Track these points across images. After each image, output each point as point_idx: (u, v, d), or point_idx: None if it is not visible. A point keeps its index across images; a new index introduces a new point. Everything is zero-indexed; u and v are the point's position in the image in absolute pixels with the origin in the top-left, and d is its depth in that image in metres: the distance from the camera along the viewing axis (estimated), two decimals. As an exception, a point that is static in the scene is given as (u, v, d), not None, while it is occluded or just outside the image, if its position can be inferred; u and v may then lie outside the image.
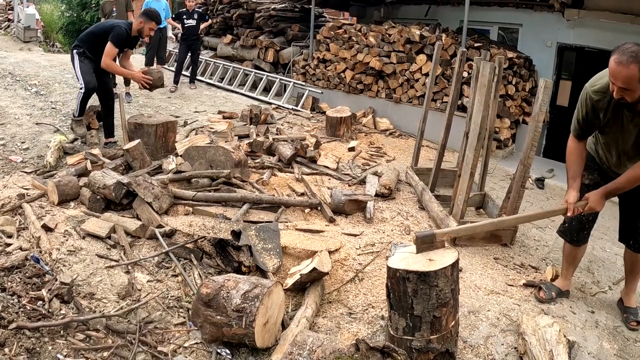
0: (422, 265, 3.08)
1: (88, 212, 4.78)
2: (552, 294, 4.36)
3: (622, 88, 3.24)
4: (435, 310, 3.06)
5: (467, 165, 5.24)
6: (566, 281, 4.47)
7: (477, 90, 5.29)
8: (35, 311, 3.24)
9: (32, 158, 6.64)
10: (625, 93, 3.27)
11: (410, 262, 3.14)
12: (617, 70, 3.20)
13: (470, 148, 5.20)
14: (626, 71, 3.16)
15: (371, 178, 6.52)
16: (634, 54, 3.13)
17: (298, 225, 5.03)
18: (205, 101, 11.03)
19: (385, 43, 10.07)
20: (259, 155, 7.11)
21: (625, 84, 3.21)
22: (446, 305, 3.08)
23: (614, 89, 3.31)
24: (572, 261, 4.44)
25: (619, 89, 3.26)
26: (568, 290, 4.47)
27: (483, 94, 5.08)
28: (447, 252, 3.24)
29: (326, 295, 4.12)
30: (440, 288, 3.04)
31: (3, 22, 21.81)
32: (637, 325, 4.10)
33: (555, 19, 9.82)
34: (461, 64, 6.18)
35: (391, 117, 10.14)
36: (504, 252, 5.13)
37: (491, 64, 5.06)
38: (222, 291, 3.30)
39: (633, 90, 3.24)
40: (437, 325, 3.09)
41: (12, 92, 9.85)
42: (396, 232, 5.22)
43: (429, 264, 3.10)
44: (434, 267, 3.05)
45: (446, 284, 3.05)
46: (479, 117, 5.08)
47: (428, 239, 3.33)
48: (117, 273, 3.91)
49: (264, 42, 13.19)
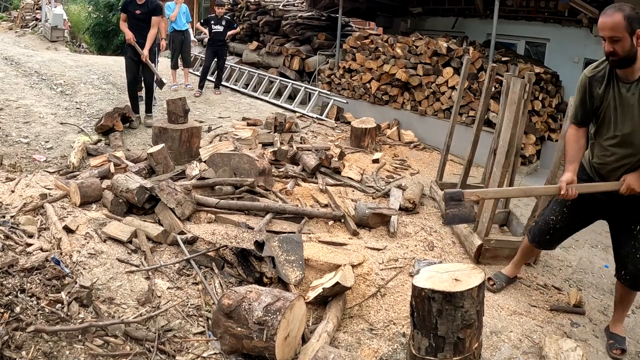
0: (448, 285, 3.01)
1: (110, 215, 4.76)
2: (503, 284, 4.58)
3: (611, 38, 3.35)
4: (459, 331, 2.99)
5: (493, 183, 5.16)
6: (515, 269, 4.67)
7: (507, 106, 5.21)
8: (53, 314, 3.20)
9: (56, 158, 6.68)
10: (615, 44, 3.35)
11: (436, 281, 3.07)
12: (603, 21, 3.37)
13: (498, 165, 5.11)
14: (611, 19, 3.32)
15: (395, 191, 6.46)
16: (617, 6, 3.34)
17: (321, 237, 4.98)
18: (230, 107, 11.04)
19: (412, 55, 10.01)
20: (283, 164, 7.07)
21: (612, 31, 3.33)
22: (471, 326, 3.01)
23: (605, 46, 3.42)
24: (526, 255, 4.60)
25: (609, 40, 3.36)
26: (515, 277, 4.70)
27: (513, 111, 5.00)
28: (473, 273, 3.17)
29: (347, 310, 4.06)
30: (466, 309, 2.97)
31: (31, 22, 22.11)
32: (620, 354, 3.95)
33: (583, 35, 9.69)
34: (491, 79, 6.10)
35: (416, 129, 10.06)
36: (527, 271, 5.03)
37: (522, 80, 4.98)
38: (243, 303, 3.25)
39: (622, 39, 3.33)
40: (460, 346, 3.02)
41: (37, 90, 9.95)
42: (419, 247, 5.15)
43: (455, 284, 3.03)
44: (460, 288, 2.98)
45: (472, 305, 2.98)
46: (508, 134, 4.99)
47: (457, 196, 3.37)
48: (137, 278, 3.87)
49: (290, 49, 13.20)
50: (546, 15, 10.44)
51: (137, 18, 8.32)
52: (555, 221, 4.10)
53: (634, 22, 3.31)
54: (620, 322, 4.14)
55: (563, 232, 4.18)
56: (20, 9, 23.58)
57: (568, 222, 4.09)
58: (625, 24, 3.29)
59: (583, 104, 3.74)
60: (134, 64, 8.45)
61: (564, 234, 4.21)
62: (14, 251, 3.79)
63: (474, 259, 5.07)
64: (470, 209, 3.55)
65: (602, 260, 5.69)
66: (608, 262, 5.66)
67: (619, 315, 4.14)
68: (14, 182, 5.29)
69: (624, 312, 4.14)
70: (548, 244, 4.34)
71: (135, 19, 8.34)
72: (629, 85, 3.50)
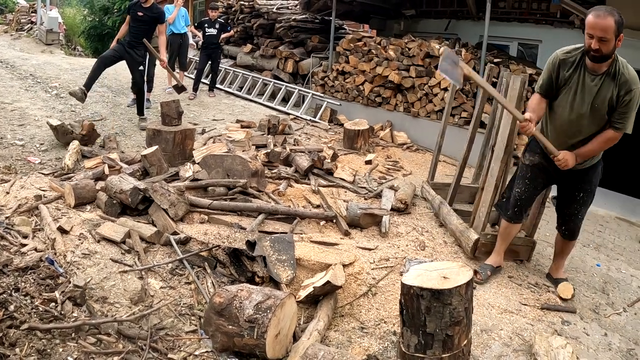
0: (437, 283, 3.04)
1: (104, 216, 4.79)
2: (487, 273, 4.81)
3: (600, 38, 3.74)
4: (448, 328, 3.02)
5: (491, 178, 5.21)
6: (498, 257, 4.94)
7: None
8: (47, 313, 3.24)
9: (50, 160, 6.69)
10: (602, 44, 3.77)
11: (424, 279, 3.10)
12: (595, 21, 3.73)
13: (496, 160, 5.17)
14: (604, 22, 3.70)
15: (387, 192, 6.50)
16: (609, 9, 3.72)
17: (313, 237, 5.01)
18: (224, 109, 11.07)
19: (404, 57, 10.07)
20: (276, 166, 7.10)
21: (603, 33, 3.72)
22: (459, 323, 3.04)
23: (590, 43, 3.81)
24: (505, 237, 4.90)
25: (598, 39, 3.76)
26: (500, 266, 4.96)
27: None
28: (462, 271, 3.20)
29: (339, 309, 4.10)
30: (454, 306, 3.00)
31: (26, 25, 22.08)
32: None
33: (575, 36, 9.67)
34: (488, 79, 6.15)
35: (409, 131, 10.11)
36: (518, 270, 5.09)
37: (522, 77, 5.10)
38: (235, 301, 3.29)
39: (609, 41, 3.75)
40: (449, 343, 3.05)
41: (32, 93, 9.96)
42: (411, 247, 5.19)
43: (444, 281, 3.07)
44: (449, 285, 3.01)
45: (460, 302, 3.02)
46: (507, 130, 5.05)
47: (455, 60, 3.94)
48: (131, 278, 3.91)
49: (284, 52, 13.24)
50: (538, 16, 10.52)
51: (140, 20, 8.39)
52: (521, 192, 4.66)
53: (620, 27, 3.75)
54: (562, 268, 4.98)
55: (528, 199, 4.72)
56: (16, 12, 23.55)
57: (531, 191, 4.67)
58: (615, 28, 3.72)
59: (549, 79, 4.23)
60: (112, 58, 8.58)
61: (529, 201, 4.76)
62: (8, 251, 3.83)
63: (470, 253, 5.13)
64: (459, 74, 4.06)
65: (594, 260, 5.74)
66: (600, 261, 5.72)
67: (560, 262, 4.96)
68: (8, 183, 5.32)
69: (564, 260, 4.98)
70: (519, 215, 4.76)
71: (138, 21, 8.41)
72: (594, 76, 4.02)
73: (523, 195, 4.65)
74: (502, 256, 4.94)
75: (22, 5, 23.85)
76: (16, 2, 26.99)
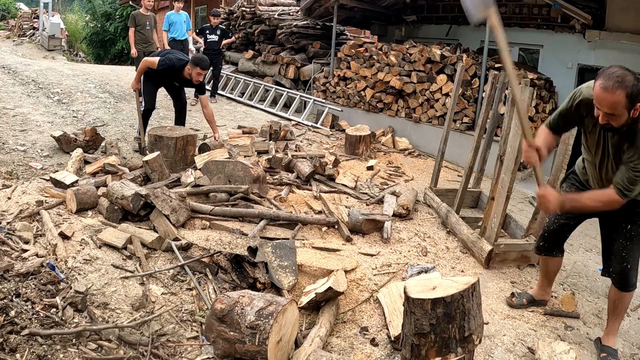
0: (420, 290, 3.06)
1: (105, 221, 4.79)
2: (524, 301, 4.46)
3: (608, 114, 3.18)
4: (413, 336, 3.04)
5: (502, 189, 5.19)
6: (540, 291, 4.52)
7: (515, 114, 5.24)
8: (48, 318, 3.23)
9: (52, 165, 6.69)
10: (611, 118, 3.21)
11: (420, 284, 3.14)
12: (602, 96, 3.14)
13: (507, 171, 5.14)
14: (612, 97, 3.10)
15: (389, 198, 6.49)
16: (620, 79, 3.08)
17: (315, 243, 5.01)
18: (225, 115, 11.08)
19: (406, 62, 10.08)
20: (278, 172, 7.10)
21: (611, 109, 3.14)
22: (424, 336, 3.00)
23: (599, 114, 3.25)
24: (542, 270, 4.48)
25: (605, 114, 3.20)
26: (543, 300, 4.52)
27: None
28: (457, 287, 3.05)
29: (340, 315, 4.09)
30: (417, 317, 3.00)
31: (28, 30, 22.17)
32: None
33: (576, 40, 9.74)
34: (493, 86, 6.15)
35: (410, 136, 10.12)
36: (521, 276, 5.07)
37: (530, 88, 5.05)
38: (236, 307, 3.28)
39: (619, 116, 3.18)
40: (415, 351, 3.05)
41: (34, 99, 9.97)
42: (413, 253, 5.18)
43: (428, 292, 3.04)
44: (420, 295, 3.01)
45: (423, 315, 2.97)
46: (516, 140, 4.99)
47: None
48: (132, 284, 3.90)
49: (285, 58, 13.25)
50: (539, 21, 10.51)
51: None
52: (550, 223, 4.19)
53: (635, 99, 3.12)
54: (614, 335, 3.99)
55: (557, 232, 4.18)
56: (18, 18, 23.68)
57: (561, 223, 4.12)
58: (625, 102, 3.11)
59: (565, 115, 3.71)
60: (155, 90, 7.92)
61: (558, 234, 4.20)
62: (9, 256, 3.82)
63: (484, 264, 5.10)
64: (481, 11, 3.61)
65: (597, 264, 5.70)
66: (602, 266, 5.69)
67: (612, 325, 3.99)
68: (10, 189, 5.32)
69: (617, 322, 3.98)
70: (547, 249, 4.27)
71: None
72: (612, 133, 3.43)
73: (552, 226, 4.17)
74: (544, 291, 4.52)
75: (25, 11, 23.97)
76: (18, 8, 27.13)
